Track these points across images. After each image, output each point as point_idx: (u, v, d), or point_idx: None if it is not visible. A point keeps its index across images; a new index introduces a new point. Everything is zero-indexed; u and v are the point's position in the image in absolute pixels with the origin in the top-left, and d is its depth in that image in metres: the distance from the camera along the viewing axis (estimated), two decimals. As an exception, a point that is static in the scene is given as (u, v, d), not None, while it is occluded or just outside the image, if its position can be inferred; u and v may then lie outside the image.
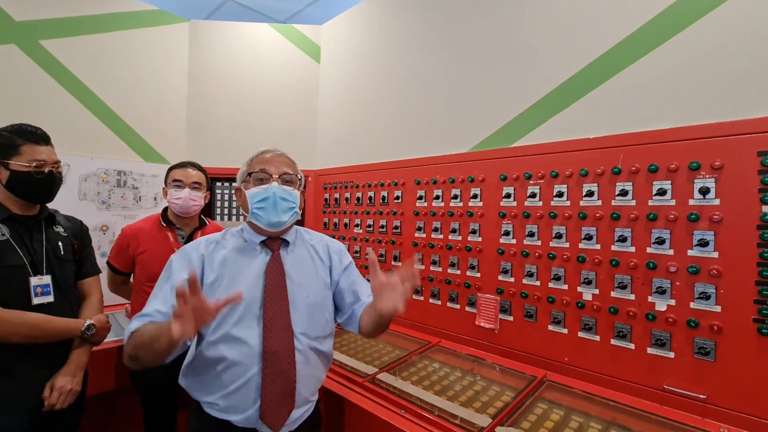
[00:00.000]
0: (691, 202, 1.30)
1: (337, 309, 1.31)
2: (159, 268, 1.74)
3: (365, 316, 1.22)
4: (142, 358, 1.00)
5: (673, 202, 1.34)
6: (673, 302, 1.33)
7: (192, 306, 0.87)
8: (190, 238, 1.85)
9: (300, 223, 2.51)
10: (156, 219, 1.84)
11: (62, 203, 1.63)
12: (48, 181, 1.35)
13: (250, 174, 1.20)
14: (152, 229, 1.80)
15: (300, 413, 1.15)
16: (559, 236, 1.60)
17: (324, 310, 1.24)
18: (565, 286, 1.58)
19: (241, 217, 2.94)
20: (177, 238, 1.82)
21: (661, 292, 1.34)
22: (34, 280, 1.32)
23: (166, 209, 1.87)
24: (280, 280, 1.17)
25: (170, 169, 1.90)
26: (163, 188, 1.88)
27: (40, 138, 1.35)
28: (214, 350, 1.10)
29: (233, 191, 2.90)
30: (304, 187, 1.30)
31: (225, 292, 1.08)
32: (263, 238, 1.22)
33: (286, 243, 1.25)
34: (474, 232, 1.88)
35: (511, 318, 1.74)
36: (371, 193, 2.44)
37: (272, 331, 1.10)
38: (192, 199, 1.82)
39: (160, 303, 1.10)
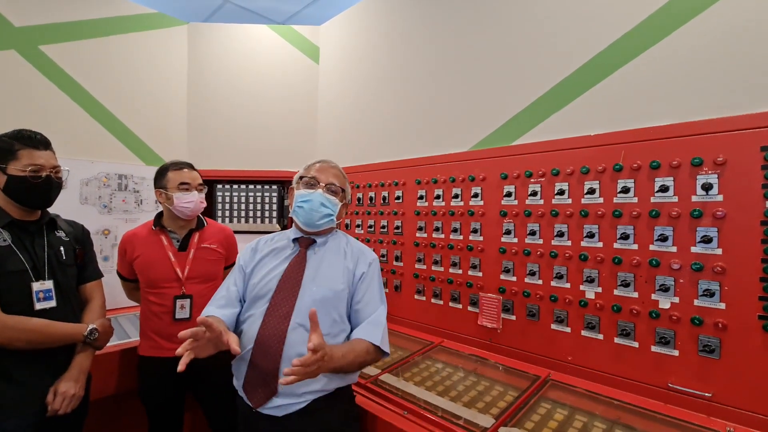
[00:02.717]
0: (694, 198, 1.29)
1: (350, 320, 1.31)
2: (154, 272, 1.73)
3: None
4: None
5: (675, 199, 1.33)
6: (676, 300, 1.32)
7: (208, 337, 1.04)
8: (186, 241, 1.78)
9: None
10: (150, 223, 1.80)
11: (63, 208, 1.63)
12: (45, 186, 1.34)
13: (302, 177, 1.36)
14: (145, 234, 1.76)
15: (285, 402, 1.17)
16: (560, 234, 1.59)
17: (330, 308, 1.24)
18: (568, 285, 1.57)
19: (250, 220, 2.95)
20: (171, 241, 1.76)
21: (665, 289, 1.33)
22: (37, 286, 1.32)
23: (160, 213, 1.81)
24: (297, 274, 1.28)
25: (165, 171, 1.76)
26: (160, 191, 1.75)
27: (39, 143, 1.35)
28: (240, 321, 1.30)
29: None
30: (350, 201, 1.45)
31: (256, 277, 1.32)
32: (299, 236, 1.36)
33: (316, 243, 1.36)
34: (475, 231, 1.87)
35: (513, 317, 1.73)
36: (372, 194, 2.43)
37: (271, 317, 1.22)
38: (201, 202, 1.77)
39: (224, 289, 1.35)
